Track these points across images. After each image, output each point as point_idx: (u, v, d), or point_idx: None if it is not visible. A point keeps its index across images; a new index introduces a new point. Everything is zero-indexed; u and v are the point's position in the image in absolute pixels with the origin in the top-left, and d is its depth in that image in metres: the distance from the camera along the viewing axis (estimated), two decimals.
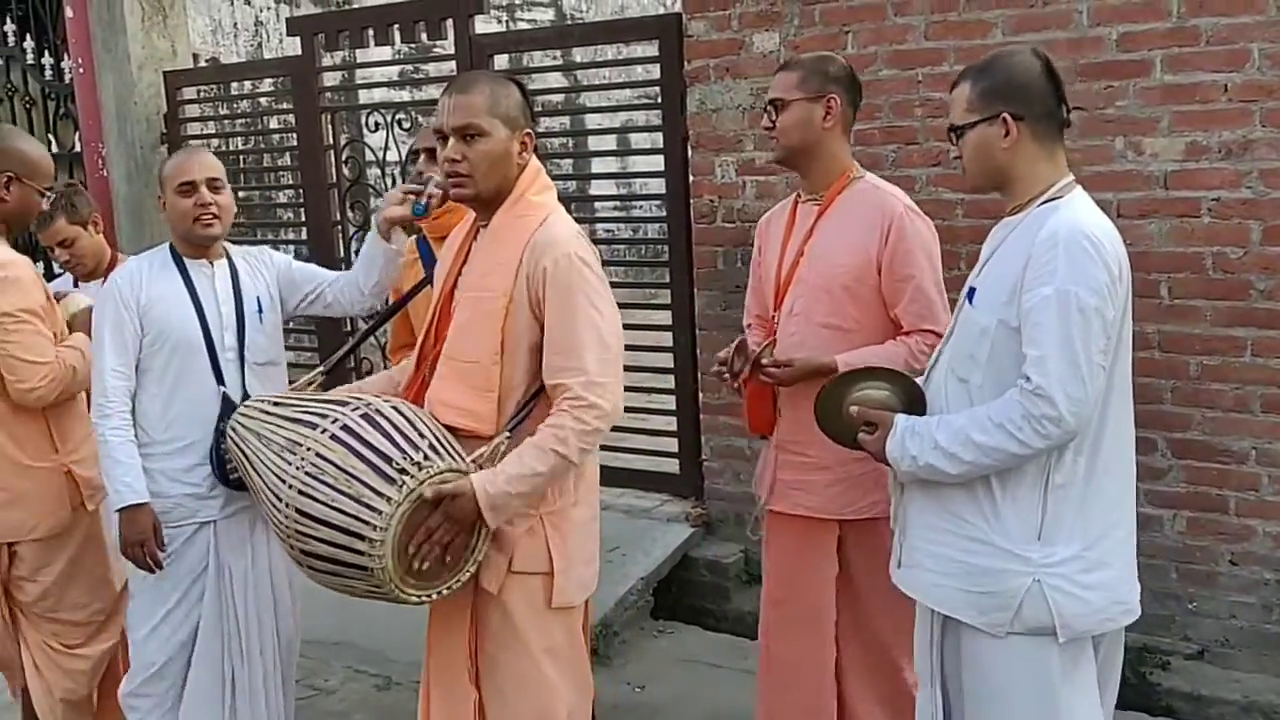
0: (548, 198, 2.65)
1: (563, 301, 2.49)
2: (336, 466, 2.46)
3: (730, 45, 4.59)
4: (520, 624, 2.61)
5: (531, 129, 2.65)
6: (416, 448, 2.46)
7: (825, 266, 3.07)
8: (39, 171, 3.33)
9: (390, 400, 2.63)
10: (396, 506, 2.39)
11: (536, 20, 10.39)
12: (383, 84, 7.63)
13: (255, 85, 7.25)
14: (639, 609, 4.72)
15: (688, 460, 5.16)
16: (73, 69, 6.96)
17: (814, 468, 3.09)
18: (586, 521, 2.69)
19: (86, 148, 7.00)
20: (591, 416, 2.46)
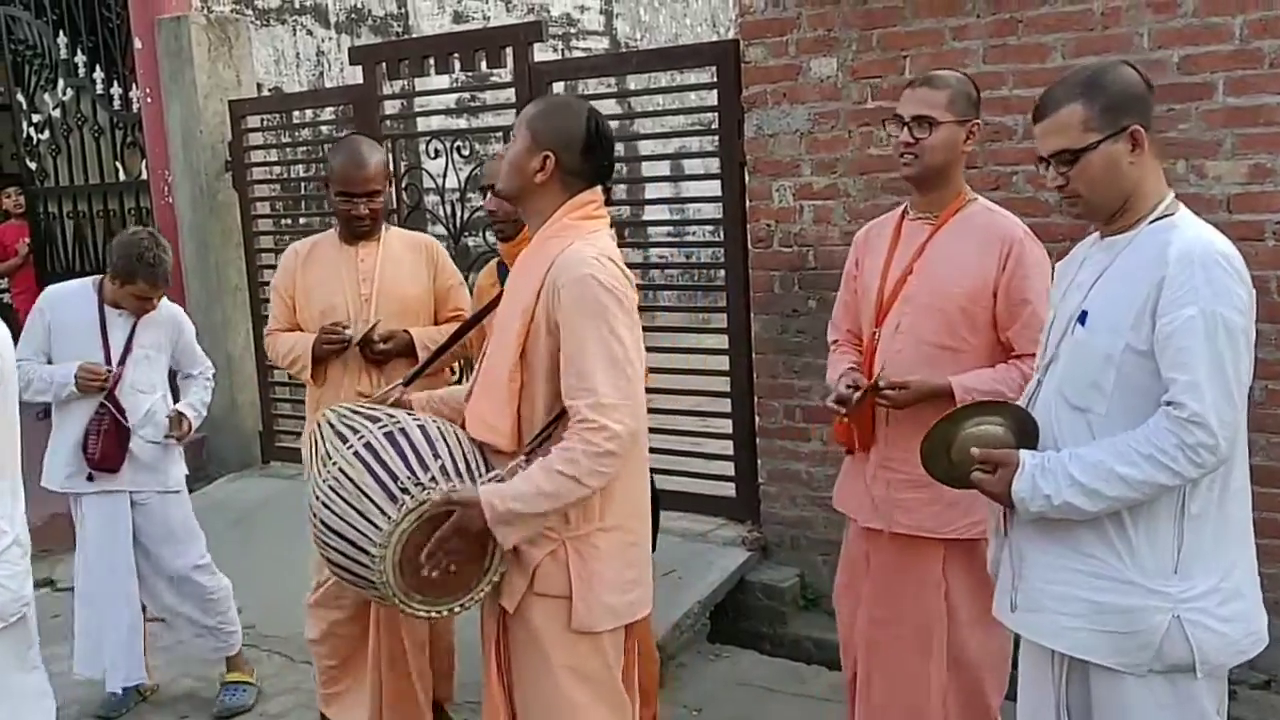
0: (587, 223, 2.64)
1: (577, 324, 2.49)
2: (353, 483, 2.54)
3: (788, 71, 4.62)
4: (544, 644, 2.60)
5: (556, 154, 2.60)
6: (426, 469, 2.51)
7: (939, 285, 3.06)
8: None
9: (426, 419, 2.69)
10: (395, 525, 2.45)
11: (591, 49, 10.48)
12: (440, 111, 7.74)
13: (316, 114, 7.38)
14: (695, 632, 4.73)
15: (744, 484, 5.16)
16: (140, 99, 7.12)
17: (918, 485, 3.01)
18: (619, 547, 2.61)
19: (152, 175, 7.16)
20: (601, 439, 2.43)
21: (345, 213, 3.77)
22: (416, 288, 3.89)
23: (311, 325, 3.85)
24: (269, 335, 3.99)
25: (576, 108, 2.68)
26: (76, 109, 7.74)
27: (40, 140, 8.11)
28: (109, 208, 7.77)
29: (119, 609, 4.38)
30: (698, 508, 5.32)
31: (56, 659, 5.01)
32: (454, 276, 4.02)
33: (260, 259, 6.85)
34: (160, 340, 4.44)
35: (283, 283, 3.92)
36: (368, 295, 3.80)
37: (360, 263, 3.83)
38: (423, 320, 3.88)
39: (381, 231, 3.89)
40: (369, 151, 3.79)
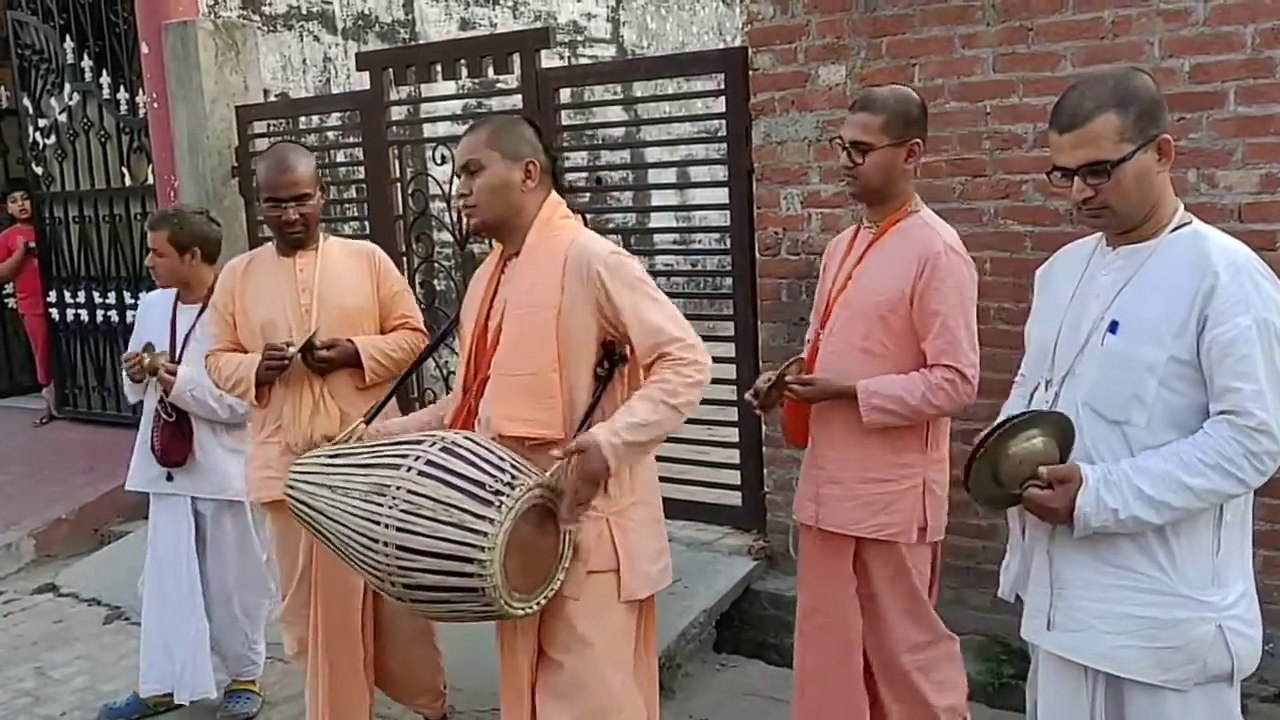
0: (573, 222, 2.86)
1: (630, 293, 2.69)
2: (432, 499, 2.56)
3: (796, 78, 4.60)
4: (584, 620, 2.73)
5: (536, 160, 2.80)
6: (502, 470, 2.60)
7: (866, 294, 3.17)
8: None
9: (452, 432, 2.75)
10: (500, 526, 2.52)
11: (597, 56, 10.47)
12: (446, 118, 7.72)
13: (323, 120, 7.37)
14: (701, 642, 4.70)
15: (750, 493, 5.14)
16: (147, 104, 7.11)
17: (835, 481, 3.20)
18: (649, 520, 2.82)
19: (159, 180, 7.15)
20: (695, 370, 2.64)
21: (275, 219, 3.65)
22: (358, 297, 3.76)
23: (251, 341, 3.73)
24: (210, 356, 3.85)
25: (515, 118, 2.93)
26: (83, 114, 7.74)
27: (46, 145, 8.11)
28: (115, 212, 7.76)
29: (185, 618, 4.35)
30: (703, 516, 5.30)
31: (56, 665, 5.04)
32: (398, 283, 3.90)
33: None
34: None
35: (221, 300, 3.81)
36: (308, 306, 3.67)
37: (299, 273, 3.71)
38: (367, 329, 3.76)
39: (319, 240, 3.78)
40: (296, 157, 3.70)
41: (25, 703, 4.68)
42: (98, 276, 8.00)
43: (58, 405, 8.55)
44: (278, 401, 3.66)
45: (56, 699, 4.71)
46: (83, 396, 8.36)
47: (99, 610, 5.69)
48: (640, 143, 7.35)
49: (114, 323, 7.91)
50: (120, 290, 7.84)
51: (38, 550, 6.51)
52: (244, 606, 4.50)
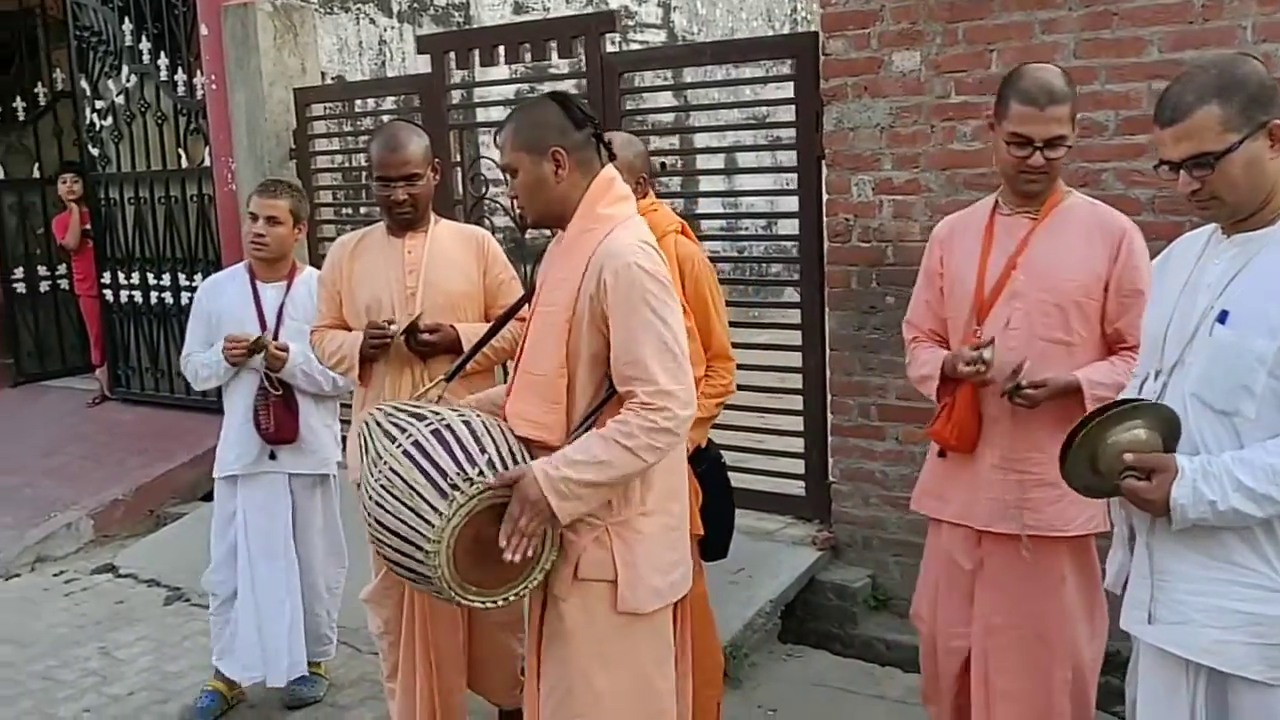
0: (620, 208, 2.67)
1: (626, 311, 2.52)
2: (403, 480, 2.57)
3: (869, 64, 4.54)
4: (577, 630, 2.62)
5: (563, 144, 2.63)
6: (474, 464, 2.54)
7: (1052, 281, 3.01)
8: None
9: (470, 415, 2.70)
10: (447, 521, 2.49)
11: (648, 41, 10.43)
12: (499, 102, 7.71)
13: (378, 103, 7.36)
14: (767, 632, 4.67)
15: (814, 482, 5.10)
16: (205, 85, 7.13)
17: (1045, 483, 2.99)
18: (660, 531, 2.65)
19: (216, 162, 7.17)
20: (660, 417, 2.48)
21: (384, 199, 3.63)
22: (464, 282, 3.73)
23: (356, 319, 3.72)
24: (315, 331, 3.85)
25: (537, 102, 2.76)
26: (140, 96, 7.76)
27: (103, 127, 8.13)
28: (170, 194, 7.78)
29: (280, 600, 4.32)
30: (765, 506, 5.25)
31: (121, 645, 5.07)
32: (505, 270, 3.85)
33: (322, 248, 6.82)
34: (311, 311, 4.28)
35: (329, 276, 3.81)
36: (413, 288, 3.66)
37: (407, 254, 3.69)
38: (471, 316, 3.73)
39: (430, 223, 3.76)
40: (407, 135, 3.66)
41: (93, 682, 4.71)
42: (152, 258, 8.03)
43: (110, 386, 8.59)
44: (379, 381, 3.65)
45: (123, 678, 4.73)
46: (135, 377, 8.40)
47: (159, 591, 5.72)
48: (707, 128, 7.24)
49: (168, 304, 7.94)
50: (175, 272, 7.87)
51: (96, 531, 6.55)
52: (328, 584, 4.51)
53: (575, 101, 2.71)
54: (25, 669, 4.86)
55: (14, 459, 7.77)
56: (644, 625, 2.64)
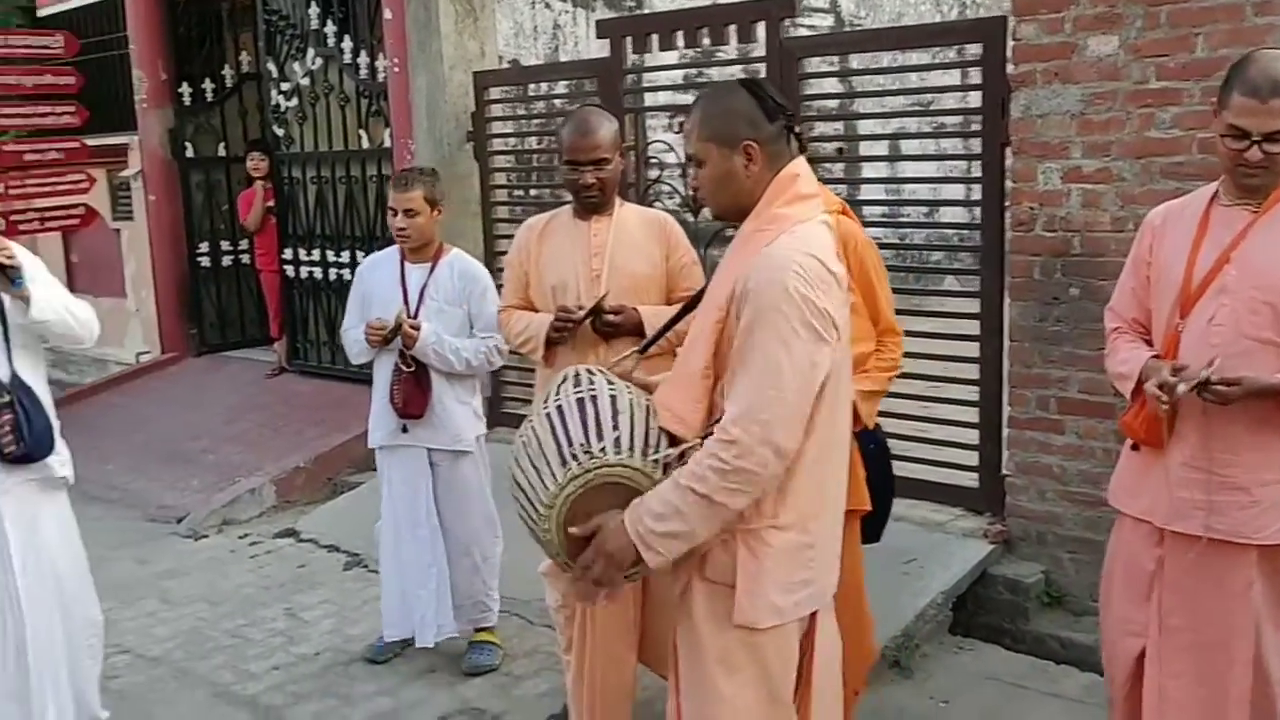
0: (798, 209, 2.50)
1: (752, 328, 2.38)
2: (538, 441, 2.59)
3: (1062, 49, 4.43)
4: (702, 629, 2.56)
5: (755, 137, 2.50)
6: (601, 438, 2.51)
7: (1268, 279, 2.86)
8: None
9: (621, 389, 2.65)
10: (560, 489, 2.48)
11: (815, 26, 10.34)
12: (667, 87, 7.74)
13: (551, 87, 7.47)
14: (938, 623, 4.62)
15: (988, 475, 5.02)
16: (387, 68, 7.34)
17: (1236, 487, 2.90)
18: (792, 548, 2.49)
19: (396, 143, 7.38)
20: (731, 455, 2.34)
21: (573, 183, 3.72)
22: (648, 265, 3.79)
23: (543, 301, 3.83)
24: (502, 312, 3.98)
25: (726, 88, 2.61)
26: (324, 78, 8.04)
27: (288, 108, 8.45)
28: (350, 174, 8.04)
29: (424, 564, 4.53)
30: (935, 496, 5.19)
31: (305, 608, 5.28)
32: (688, 254, 3.90)
33: (496, 229, 6.99)
34: (452, 293, 4.52)
35: (517, 258, 3.92)
36: (598, 271, 3.73)
37: (593, 237, 3.77)
38: (653, 299, 3.79)
39: (615, 206, 3.83)
40: (597, 120, 3.73)
41: (280, 641, 4.92)
42: (331, 235, 8.32)
43: (288, 358, 8.94)
44: (563, 363, 3.72)
45: (309, 639, 4.93)
46: (313, 350, 8.72)
47: (338, 556, 5.94)
48: (884, 114, 7.14)
49: (346, 280, 8.19)
50: (353, 250, 8.14)
51: (278, 496, 6.83)
52: (483, 554, 4.64)
53: (767, 89, 2.59)
54: (218, 626, 5.12)
55: (198, 426, 8.16)
56: (767, 637, 2.52)
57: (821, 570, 2.57)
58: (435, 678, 4.51)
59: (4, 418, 3.47)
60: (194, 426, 8.17)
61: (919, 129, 9.21)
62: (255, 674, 4.61)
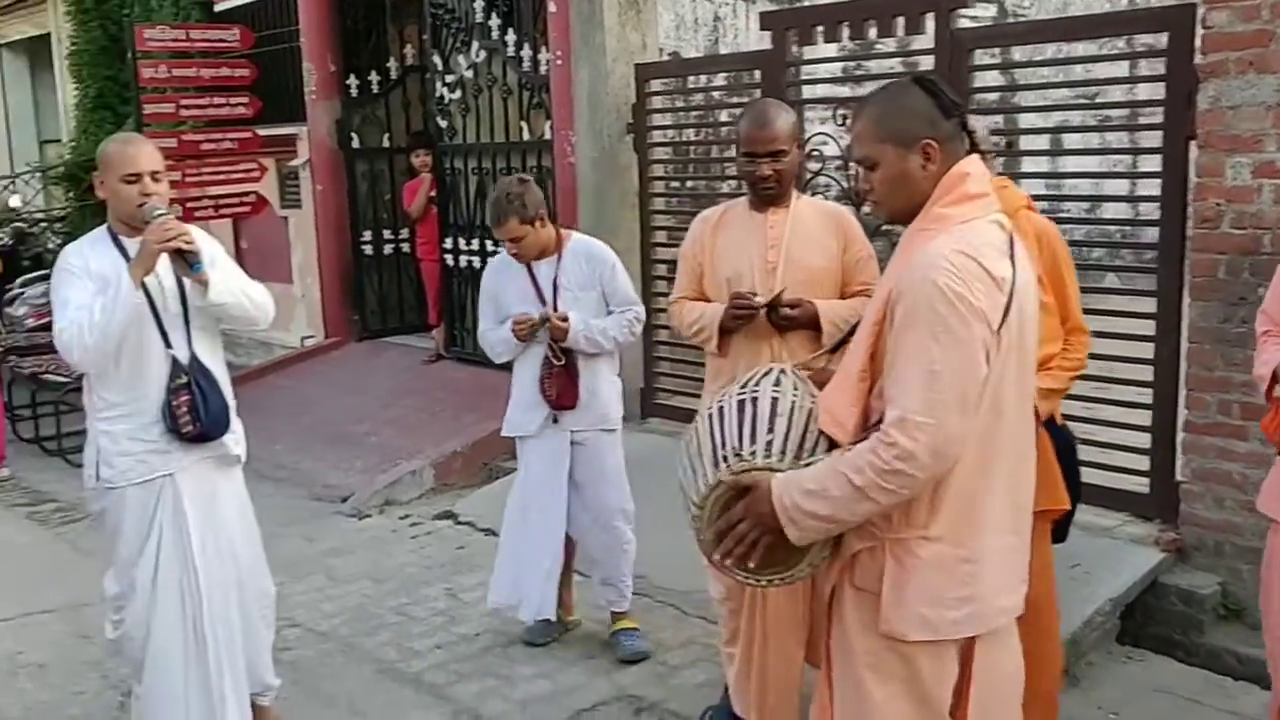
0: (962, 209, 2.41)
1: (905, 326, 2.32)
2: (698, 440, 2.60)
3: (1258, 37, 4.24)
4: (851, 636, 2.51)
5: (934, 136, 2.42)
6: (754, 440, 2.49)
7: None
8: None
9: (786, 392, 2.61)
10: (710, 490, 2.48)
11: (977, 17, 10.09)
12: (826, 80, 7.66)
13: (709, 79, 7.45)
14: (1105, 631, 4.49)
15: (1160, 481, 4.84)
16: (550, 61, 7.43)
17: None
18: (946, 561, 2.39)
19: (556, 135, 7.46)
20: (891, 455, 2.27)
21: (750, 174, 3.71)
22: (824, 258, 3.76)
23: (716, 293, 3.83)
24: (674, 303, 3.99)
25: (899, 86, 2.53)
26: (488, 70, 8.18)
27: (451, 100, 8.62)
28: (511, 165, 8.16)
29: (543, 546, 4.61)
30: (1102, 500, 5.01)
31: (465, 589, 5.38)
32: (864, 248, 3.85)
33: (653, 220, 7.01)
34: (582, 278, 4.58)
35: (690, 250, 3.94)
36: (774, 264, 3.72)
37: (769, 229, 3.75)
38: (828, 292, 3.75)
39: (791, 198, 3.80)
40: (775, 112, 3.72)
41: (442, 621, 5.04)
42: None
43: (446, 345, 9.14)
44: (736, 353, 3.74)
45: (468, 620, 5.04)
46: (469, 339, 8.87)
47: (494, 540, 6.00)
48: (1065, 106, 6.83)
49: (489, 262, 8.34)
50: None
51: (436, 479, 6.99)
52: (620, 533, 4.68)
53: (942, 86, 2.52)
54: (382, 604, 5.26)
55: (360, 409, 8.39)
56: (919, 650, 2.44)
57: (986, 590, 2.43)
58: (593, 664, 4.56)
59: (182, 398, 3.60)
60: (356, 409, 8.41)
61: (1083, 122, 8.96)
62: (418, 652, 4.73)
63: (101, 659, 4.63)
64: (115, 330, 3.44)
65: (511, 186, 4.47)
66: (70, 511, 6.80)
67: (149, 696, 3.74)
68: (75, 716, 4.30)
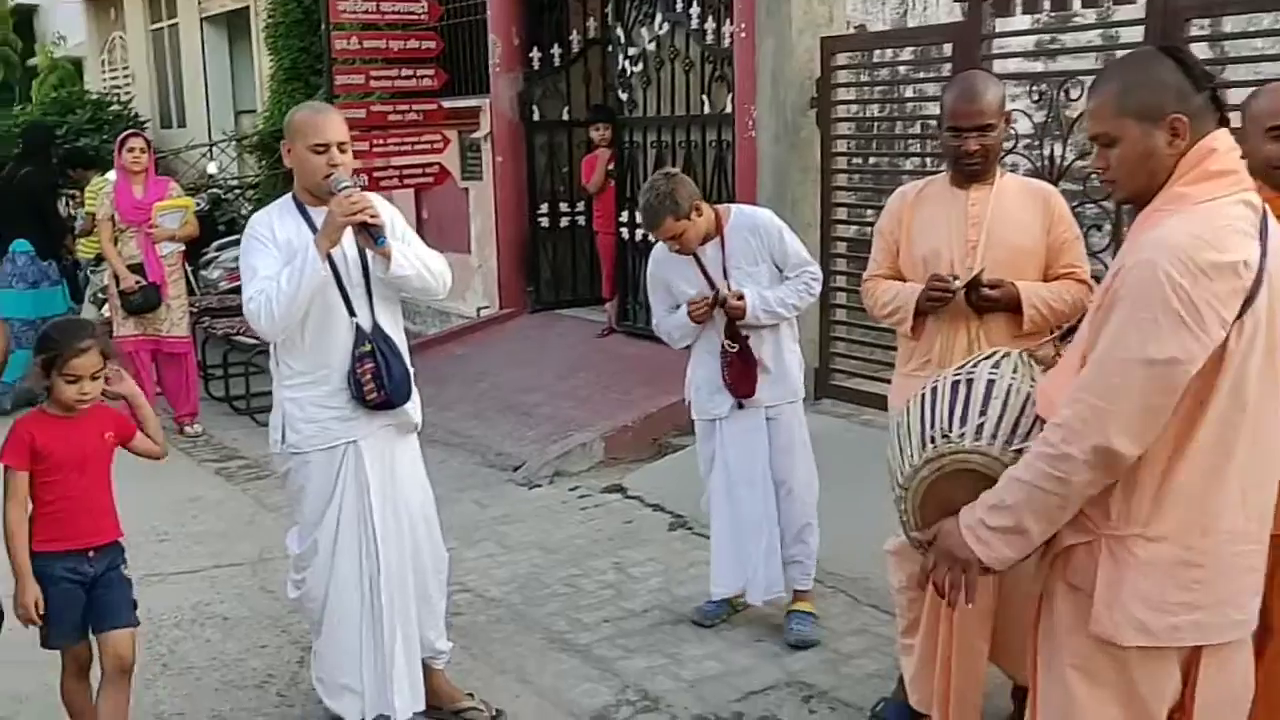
0: (1202, 188, 2.24)
1: (1114, 304, 2.20)
2: (908, 419, 2.57)
3: None
4: (1060, 634, 2.39)
5: (1184, 110, 2.24)
6: (964, 423, 2.43)
7: None
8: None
9: (1004, 375, 2.52)
10: (915, 471, 2.45)
11: None
12: (1018, 54, 7.35)
13: (896, 53, 7.24)
14: None
15: None
16: (734, 33, 7.33)
17: None
18: (1167, 564, 2.25)
19: (738, 109, 7.37)
20: (1058, 438, 2.22)
21: (954, 149, 3.54)
22: (1028, 239, 3.57)
23: (912, 271, 3.69)
24: (868, 281, 3.86)
25: (1145, 56, 2.36)
26: (670, 43, 8.13)
27: (633, 73, 8.60)
28: (690, 139, 8.11)
29: (758, 520, 4.54)
30: None
31: (633, 563, 5.37)
32: (1070, 230, 3.64)
33: (834, 197, 6.86)
34: (750, 252, 4.47)
35: (887, 225, 3.80)
36: (974, 242, 3.55)
37: (970, 207, 3.58)
38: (1031, 274, 3.56)
39: (995, 175, 3.63)
40: (984, 84, 3.55)
41: (610, 595, 5.04)
42: None
43: (618, 319, 9.15)
44: (931, 336, 3.60)
45: (636, 595, 5.02)
46: (642, 313, 8.86)
47: (663, 516, 6.02)
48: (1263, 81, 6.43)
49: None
50: None
51: (606, 453, 6.99)
52: (809, 509, 4.60)
53: (1190, 56, 2.34)
54: (552, 574, 5.29)
55: (534, 380, 8.49)
56: (1133, 657, 2.30)
57: (1214, 599, 2.27)
58: (762, 647, 4.48)
59: (366, 366, 3.64)
60: (529, 380, 8.50)
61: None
62: (587, 624, 4.73)
63: (283, 614, 4.78)
64: (301, 301, 3.51)
65: (660, 185, 4.34)
66: (256, 469, 7.04)
67: (325, 654, 3.83)
68: (256, 669, 4.43)
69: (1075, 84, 5.61)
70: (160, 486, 6.12)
